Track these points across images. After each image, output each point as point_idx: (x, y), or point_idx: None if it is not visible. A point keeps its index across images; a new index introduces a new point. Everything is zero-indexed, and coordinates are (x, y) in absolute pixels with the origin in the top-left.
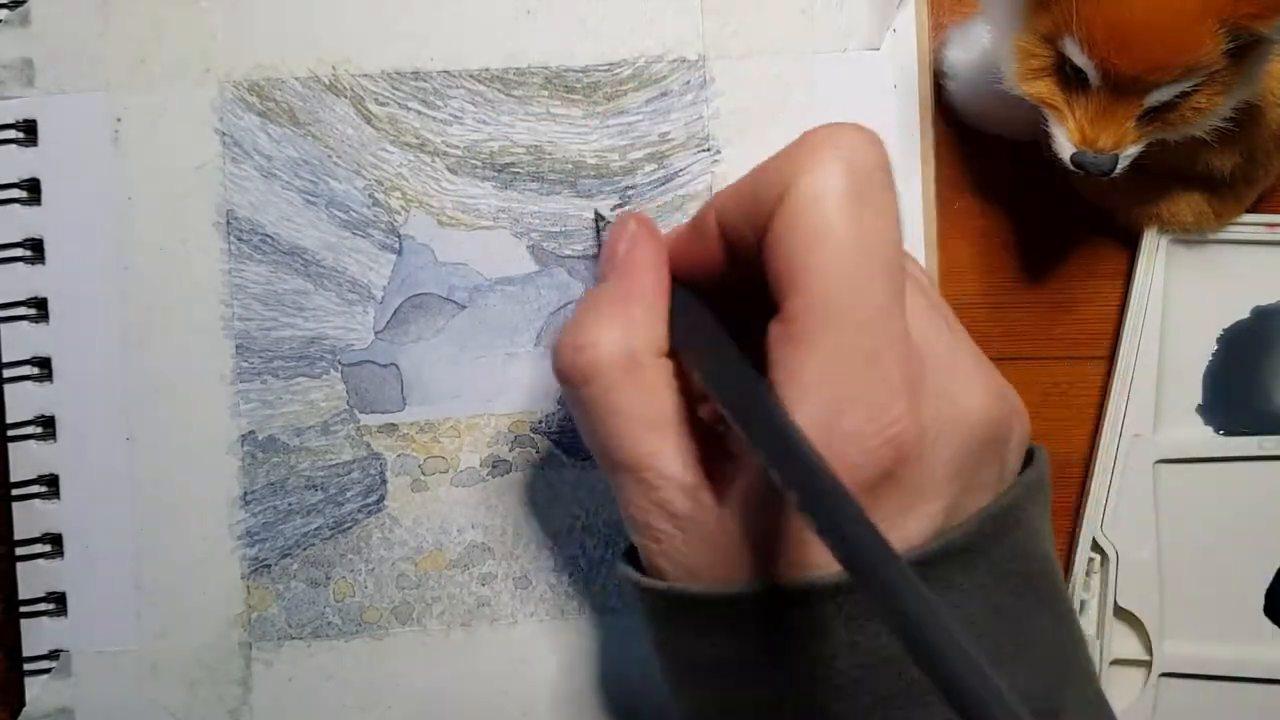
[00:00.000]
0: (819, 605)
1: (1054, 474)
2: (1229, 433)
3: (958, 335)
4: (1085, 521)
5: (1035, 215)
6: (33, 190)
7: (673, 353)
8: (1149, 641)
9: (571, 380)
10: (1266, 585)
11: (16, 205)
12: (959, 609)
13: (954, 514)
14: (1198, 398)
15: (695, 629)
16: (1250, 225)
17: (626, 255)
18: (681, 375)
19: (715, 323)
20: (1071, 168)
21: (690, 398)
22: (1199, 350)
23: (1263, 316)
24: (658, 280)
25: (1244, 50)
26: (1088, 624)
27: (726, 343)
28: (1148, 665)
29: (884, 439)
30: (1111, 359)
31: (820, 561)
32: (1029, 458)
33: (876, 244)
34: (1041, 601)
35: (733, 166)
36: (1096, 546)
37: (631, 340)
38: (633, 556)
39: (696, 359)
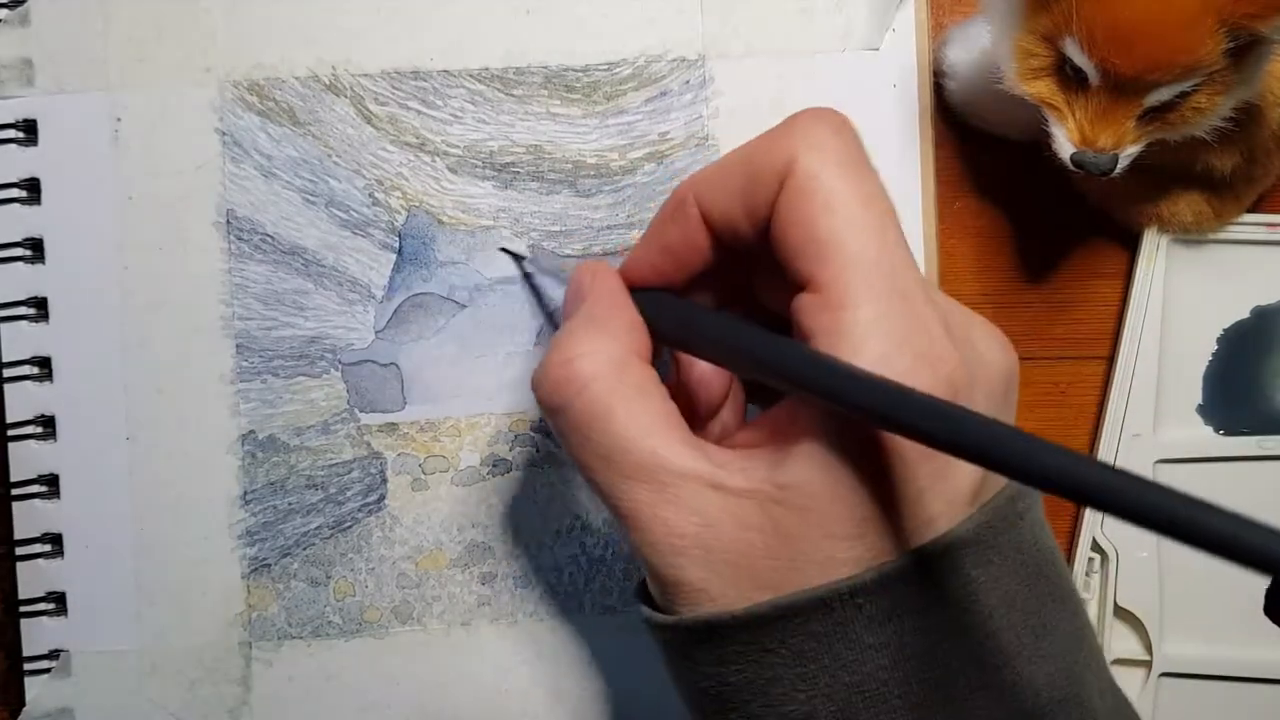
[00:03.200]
0: (877, 597)
1: None
2: (1229, 433)
3: (944, 294)
4: (1085, 521)
5: (1035, 215)
6: (33, 190)
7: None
8: (1149, 641)
9: (564, 393)
10: (1266, 585)
11: (16, 205)
12: (977, 600)
13: None
14: (1198, 398)
15: (726, 655)
16: (1250, 225)
17: (590, 287)
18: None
19: (701, 306)
20: (1071, 167)
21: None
22: (1199, 350)
23: (1263, 316)
24: (623, 302)
25: (1244, 50)
26: None
27: (725, 316)
28: (1148, 665)
29: (940, 378)
30: (1111, 359)
31: (856, 555)
32: None
33: (882, 203)
34: (1053, 592)
35: None
36: (1096, 546)
37: (613, 345)
38: (643, 594)
39: (703, 339)
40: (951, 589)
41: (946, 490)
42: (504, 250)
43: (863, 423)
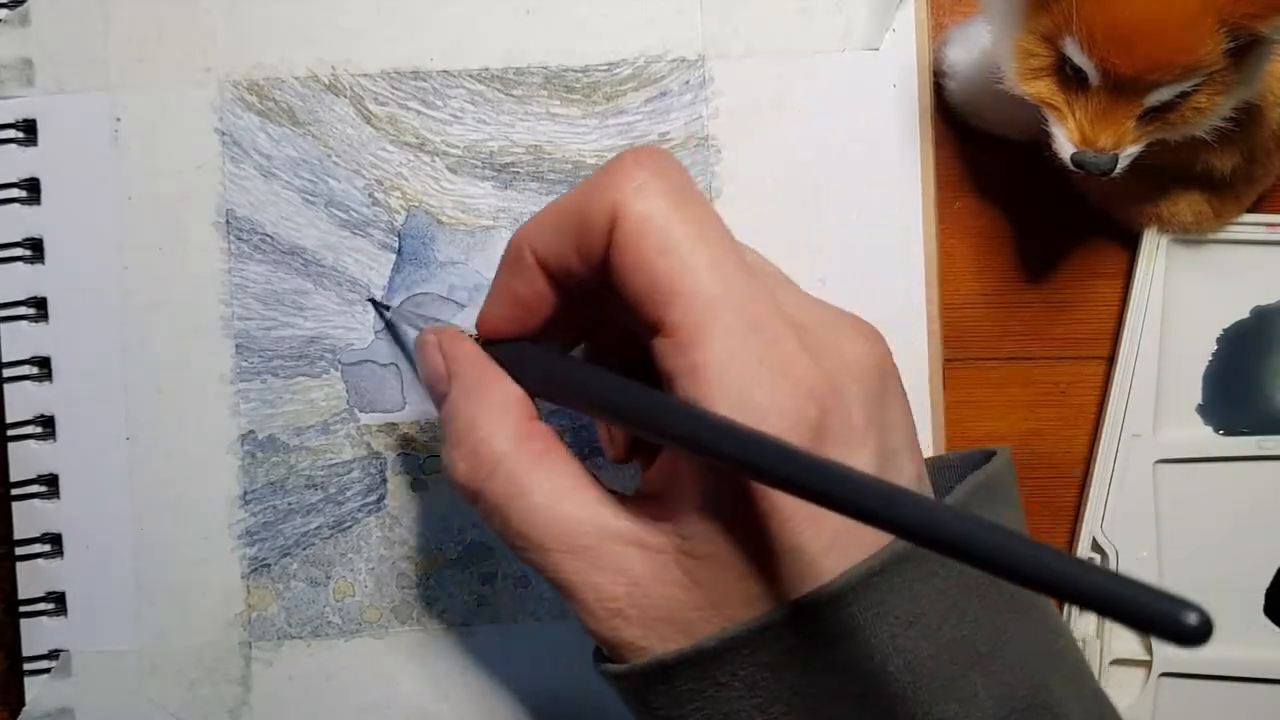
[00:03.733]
0: (846, 609)
1: (1053, 474)
2: (1229, 432)
3: (800, 290)
4: (1085, 521)
5: (1035, 215)
6: (33, 190)
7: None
8: (1149, 641)
9: (477, 479)
10: (1266, 585)
11: (16, 205)
12: (925, 615)
13: (887, 460)
14: (1198, 398)
15: (681, 695)
16: (1250, 225)
17: (448, 361)
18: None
19: (558, 353)
20: (1072, 167)
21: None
22: (1199, 350)
23: (1263, 316)
24: (494, 367)
25: (1244, 50)
26: (1087, 623)
27: (580, 363)
28: (1148, 665)
29: (801, 395)
30: (1111, 359)
31: (826, 566)
32: (985, 459)
33: (715, 235)
34: (1011, 603)
35: (732, 166)
36: (1096, 546)
37: (510, 418)
38: (598, 651)
39: (565, 390)
40: (860, 626)
41: (825, 534)
42: (371, 301)
43: (728, 471)
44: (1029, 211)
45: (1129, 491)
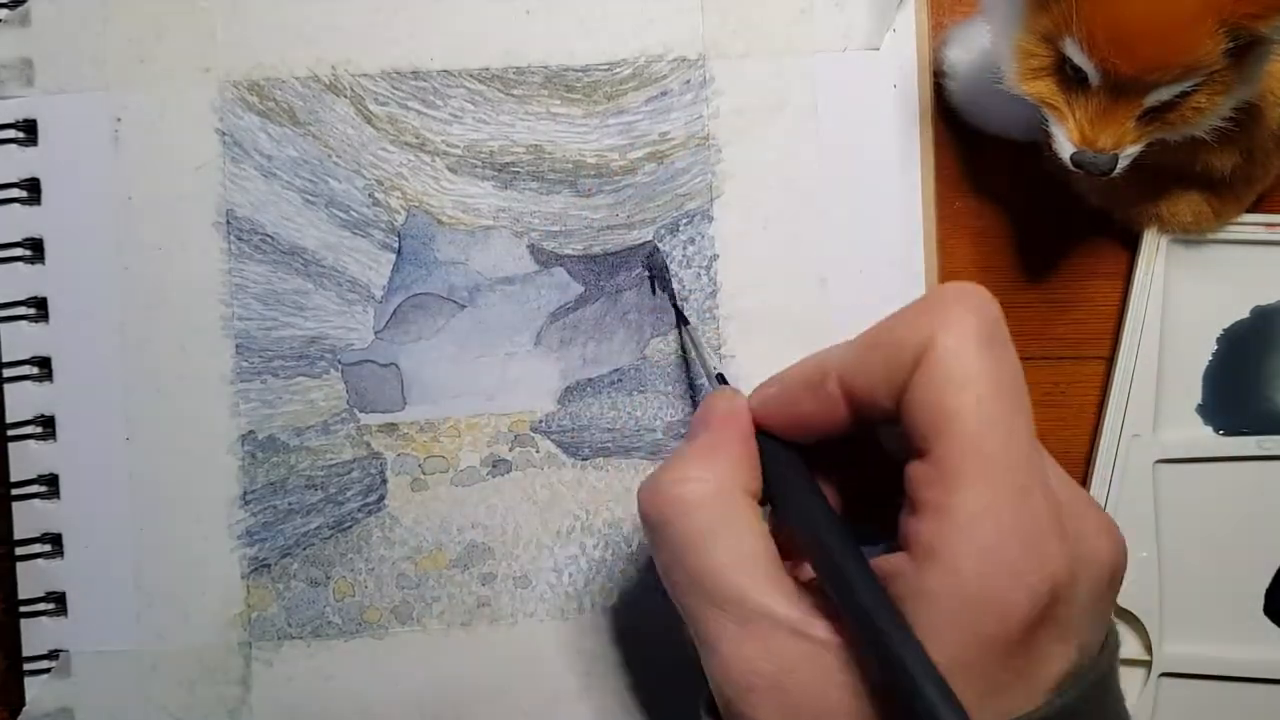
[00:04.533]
0: None
1: None
2: (1229, 432)
3: (1059, 468)
4: None
5: (1035, 215)
6: (33, 190)
7: (764, 503)
8: (1149, 641)
9: (668, 512)
10: (1266, 585)
11: (16, 205)
12: None
13: (1083, 652)
14: (1197, 398)
15: None
16: (1250, 225)
17: (719, 415)
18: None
19: (812, 482)
20: (1071, 167)
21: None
22: (1199, 350)
23: (1262, 316)
24: (747, 437)
25: (1244, 50)
26: None
27: (824, 504)
28: (1148, 665)
29: (1043, 576)
30: (1111, 359)
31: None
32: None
33: (1014, 388)
34: None
35: (733, 166)
36: None
37: (726, 477)
38: (710, 707)
39: (795, 515)
40: None
41: (1069, 642)
42: (674, 306)
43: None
44: (1029, 212)
45: (1129, 492)
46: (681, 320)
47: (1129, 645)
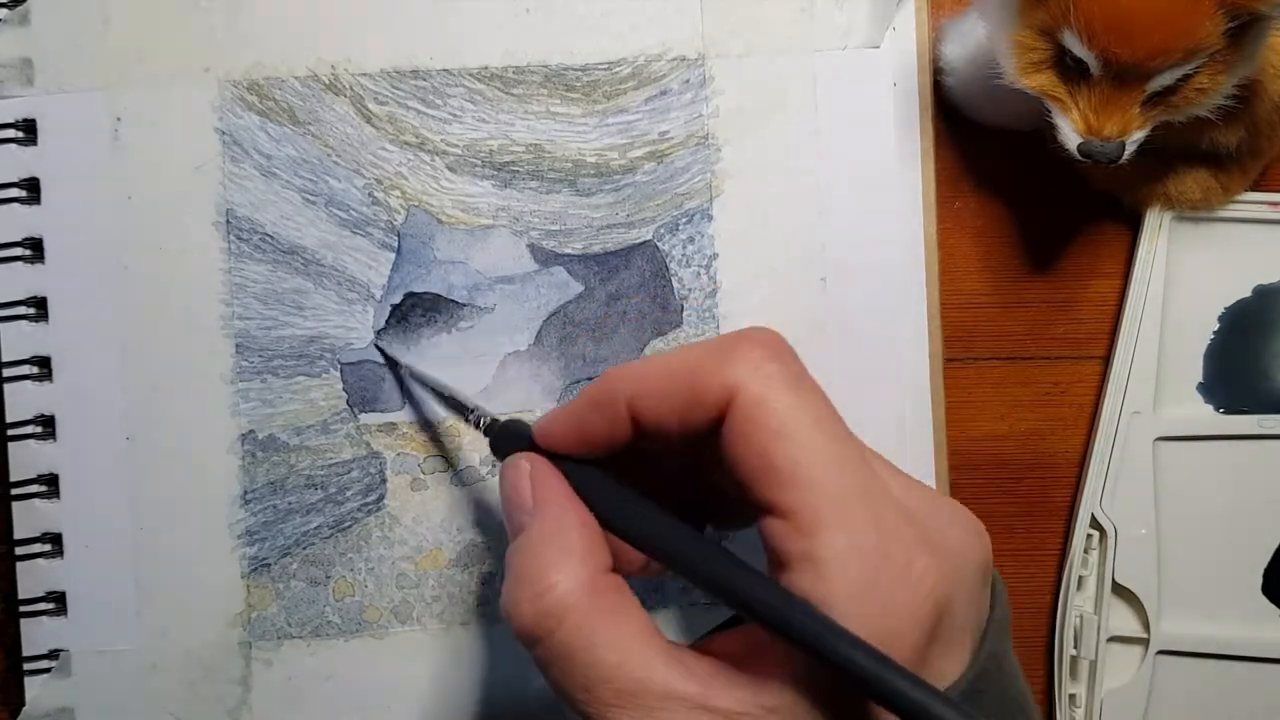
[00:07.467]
0: None
1: (1053, 472)
2: (1229, 411)
3: (898, 470)
4: (1084, 498)
5: (1036, 214)
6: (33, 190)
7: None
8: (1146, 618)
9: (542, 629)
10: (1265, 564)
11: (16, 205)
12: None
13: (977, 655)
14: (1198, 376)
15: None
16: (1252, 204)
17: (534, 494)
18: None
19: (646, 499)
20: (1079, 158)
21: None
22: (1200, 328)
23: (1264, 295)
24: (573, 502)
25: (1243, 29)
26: (1085, 600)
27: (677, 526)
28: (1145, 642)
29: (923, 597)
30: (1111, 359)
31: None
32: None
33: (830, 419)
34: None
35: (732, 165)
36: (1095, 523)
37: (582, 567)
38: None
39: (646, 542)
40: None
41: (960, 644)
42: (378, 347)
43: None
44: (1029, 211)
45: (1128, 469)
46: (394, 364)
47: (1126, 622)
